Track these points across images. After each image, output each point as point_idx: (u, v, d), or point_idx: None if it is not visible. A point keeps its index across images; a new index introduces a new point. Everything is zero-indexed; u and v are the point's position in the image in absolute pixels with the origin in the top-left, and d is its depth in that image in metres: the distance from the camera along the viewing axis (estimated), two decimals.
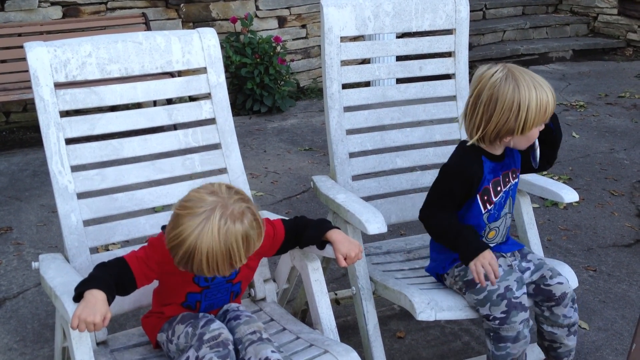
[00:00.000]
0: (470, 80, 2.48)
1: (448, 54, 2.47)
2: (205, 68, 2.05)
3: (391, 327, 2.60)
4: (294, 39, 6.13)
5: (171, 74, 3.57)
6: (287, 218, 1.87)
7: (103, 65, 1.92)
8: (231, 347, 1.61)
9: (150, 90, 1.99)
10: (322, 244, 1.78)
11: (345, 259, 1.72)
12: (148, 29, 5.09)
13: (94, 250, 1.95)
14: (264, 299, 2.06)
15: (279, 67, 5.51)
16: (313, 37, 6.17)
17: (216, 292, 1.75)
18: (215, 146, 2.07)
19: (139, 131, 1.98)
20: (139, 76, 2.02)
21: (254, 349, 1.62)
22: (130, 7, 5.35)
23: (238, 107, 5.64)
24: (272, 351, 1.62)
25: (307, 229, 1.79)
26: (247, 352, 1.63)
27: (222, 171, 2.07)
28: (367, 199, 2.27)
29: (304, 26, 6.18)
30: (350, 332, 2.50)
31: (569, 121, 5.19)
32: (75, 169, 1.87)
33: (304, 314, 2.47)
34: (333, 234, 1.76)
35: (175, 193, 1.97)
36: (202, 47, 2.04)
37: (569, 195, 2.17)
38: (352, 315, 2.55)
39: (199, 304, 1.75)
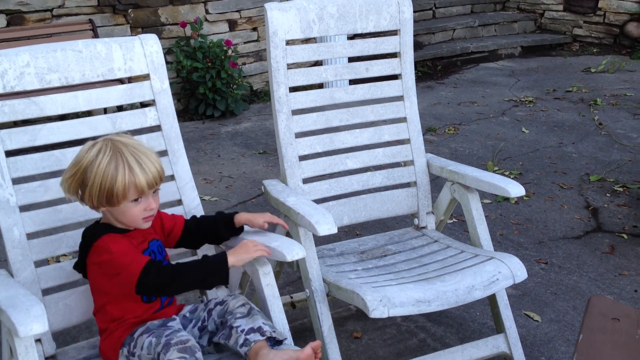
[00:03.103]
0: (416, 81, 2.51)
1: (394, 55, 2.49)
2: (148, 75, 2.03)
3: (348, 327, 2.61)
4: (245, 42, 6.11)
5: (121, 81, 3.51)
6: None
7: (42, 75, 1.88)
8: (199, 355, 1.61)
9: (92, 99, 1.95)
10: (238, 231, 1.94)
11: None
12: (95, 35, 5.00)
13: (44, 262, 1.90)
14: None
15: (231, 71, 5.49)
16: (265, 39, 6.15)
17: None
18: (162, 153, 2.04)
19: (83, 140, 1.94)
20: (89, 84, 1.99)
21: (245, 321, 1.70)
22: (77, 14, 5.25)
23: (191, 112, 5.59)
24: (264, 322, 1.71)
25: (218, 228, 1.91)
26: (238, 321, 1.70)
27: (170, 178, 2.04)
28: (319, 201, 2.27)
29: (255, 29, 6.16)
30: (307, 334, 2.49)
31: (519, 117, 5.29)
32: (16, 181, 1.83)
33: None
34: (241, 217, 1.92)
35: None
36: (145, 53, 2.02)
37: (515, 189, 2.20)
38: (308, 318, 2.55)
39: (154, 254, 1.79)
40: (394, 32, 2.47)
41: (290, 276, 2.97)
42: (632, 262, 3.06)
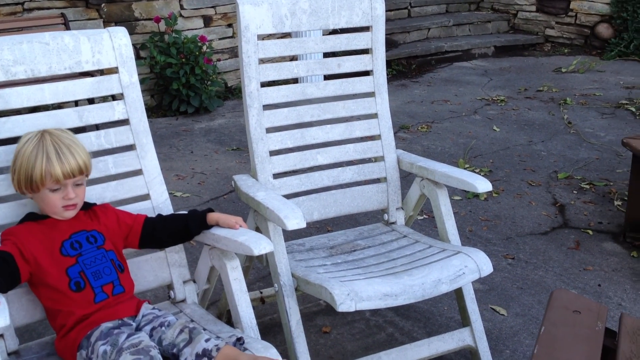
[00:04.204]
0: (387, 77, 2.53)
1: (366, 51, 2.50)
2: (116, 68, 2.01)
3: (317, 322, 2.62)
4: (220, 38, 6.09)
5: (92, 75, 3.47)
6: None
7: (7, 67, 1.85)
8: (154, 352, 1.60)
9: (59, 92, 1.93)
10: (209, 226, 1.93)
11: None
12: (68, 29, 4.95)
13: None
14: (184, 301, 2.04)
15: (206, 67, 5.47)
16: None
17: (93, 258, 1.77)
18: (130, 147, 2.03)
19: None
20: (60, 77, 1.97)
21: (190, 349, 1.66)
22: (49, 8, 5.19)
23: (164, 108, 5.56)
24: (206, 340, 1.66)
25: (189, 223, 1.92)
26: (184, 353, 1.66)
27: (138, 172, 2.03)
28: (289, 196, 2.28)
29: (230, 25, 6.14)
30: (276, 329, 2.50)
31: (490, 115, 5.35)
32: None
33: (230, 315, 2.45)
34: (213, 216, 1.92)
35: (89, 196, 1.92)
36: (113, 46, 2.00)
37: (482, 185, 2.23)
38: (278, 313, 2.56)
39: (84, 275, 1.73)
40: (366, 29, 2.48)
41: (261, 272, 2.97)
42: (596, 258, 3.12)
